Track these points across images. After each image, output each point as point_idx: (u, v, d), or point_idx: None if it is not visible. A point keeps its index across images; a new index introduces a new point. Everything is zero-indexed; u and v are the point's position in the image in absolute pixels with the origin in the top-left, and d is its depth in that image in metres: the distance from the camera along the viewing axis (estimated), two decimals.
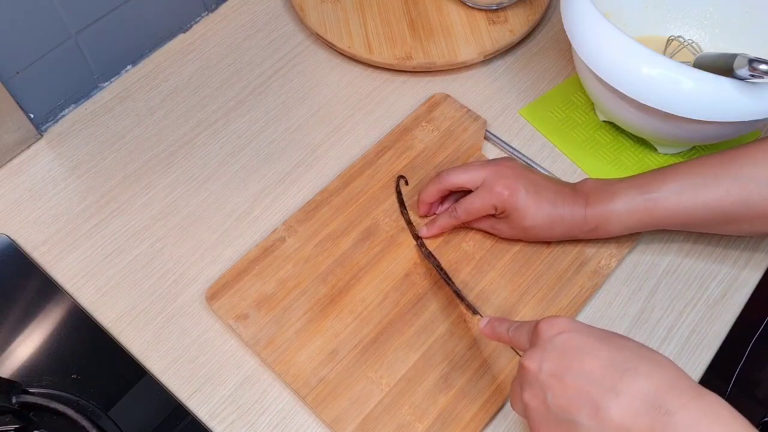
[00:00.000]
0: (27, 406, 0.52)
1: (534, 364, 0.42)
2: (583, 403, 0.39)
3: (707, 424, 0.36)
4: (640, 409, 0.37)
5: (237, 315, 0.56)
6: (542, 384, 0.41)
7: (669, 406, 0.37)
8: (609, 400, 0.38)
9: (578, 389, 0.40)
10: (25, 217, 0.63)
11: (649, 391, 0.38)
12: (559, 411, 0.40)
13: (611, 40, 0.57)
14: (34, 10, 0.60)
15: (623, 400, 0.38)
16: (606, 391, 0.39)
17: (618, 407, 0.38)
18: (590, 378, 0.40)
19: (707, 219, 0.54)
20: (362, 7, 0.75)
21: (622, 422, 0.37)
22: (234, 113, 0.70)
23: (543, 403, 0.41)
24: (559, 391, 0.40)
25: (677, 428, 0.36)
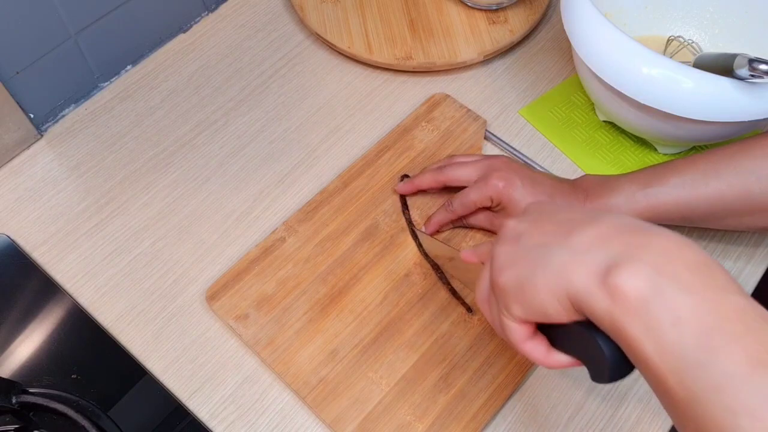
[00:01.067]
0: (27, 406, 0.52)
1: (514, 220, 0.41)
2: (558, 233, 0.38)
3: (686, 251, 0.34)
4: (618, 230, 0.36)
5: (237, 315, 0.56)
6: (518, 231, 0.40)
7: (649, 230, 0.35)
8: (585, 225, 0.37)
9: (555, 227, 0.38)
10: (25, 217, 0.63)
11: (630, 222, 0.36)
12: (530, 247, 0.39)
13: (611, 40, 0.57)
14: (34, 10, 0.60)
15: (601, 224, 0.37)
16: (584, 221, 0.37)
17: (594, 228, 0.36)
18: (571, 218, 0.38)
19: (708, 213, 0.54)
20: (362, 7, 0.75)
21: (598, 237, 0.36)
22: (234, 113, 0.70)
23: (514, 245, 0.40)
24: (535, 232, 0.39)
25: (657, 247, 0.34)
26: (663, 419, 0.53)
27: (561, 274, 0.36)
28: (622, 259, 0.34)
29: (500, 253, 0.40)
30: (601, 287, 0.34)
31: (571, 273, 0.35)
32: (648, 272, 0.33)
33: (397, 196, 0.63)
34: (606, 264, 0.34)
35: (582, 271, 0.35)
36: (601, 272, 0.34)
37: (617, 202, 0.55)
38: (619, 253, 0.34)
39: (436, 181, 0.60)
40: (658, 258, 0.33)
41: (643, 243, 0.34)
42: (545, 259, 0.37)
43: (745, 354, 0.30)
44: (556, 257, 0.36)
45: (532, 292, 0.37)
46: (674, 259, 0.33)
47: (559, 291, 0.36)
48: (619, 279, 0.33)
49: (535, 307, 0.38)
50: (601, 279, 0.34)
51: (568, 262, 0.36)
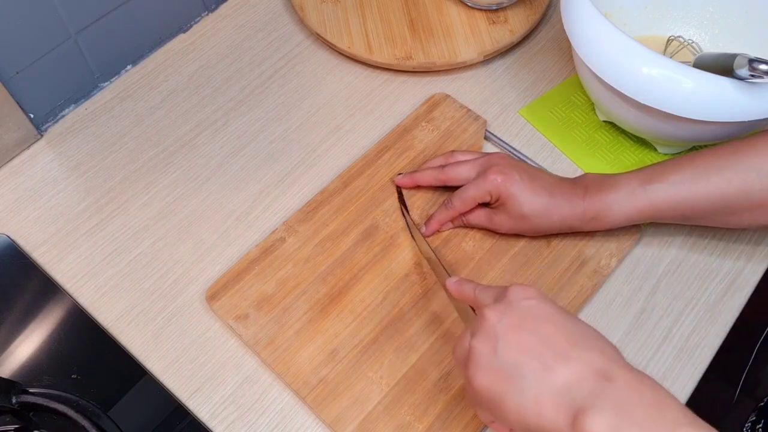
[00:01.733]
0: (27, 406, 0.52)
1: (495, 315, 0.43)
2: (533, 360, 0.40)
3: (644, 391, 0.38)
4: (586, 375, 0.39)
5: (237, 315, 0.56)
6: (497, 333, 0.42)
7: (612, 374, 0.39)
8: (559, 363, 0.40)
9: (532, 347, 0.41)
10: (25, 217, 0.63)
11: (597, 363, 0.40)
12: (506, 361, 0.41)
13: (611, 40, 0.57)
14: (34, 10, 0.60)
15: (573, 366, 0.40)
16: (558, 356, 0.40)
17: (566, 370, 0.39)
18: (546, 340, 0.41)
19: (708, 210, 0.54)
20: (362, 7, 0.75)
21: (567, 383, 0.39)
22: (234, 113, 0.70)
23: (492, 350, 0.42)
24: (513, 343, 0.41)
25: (617, 392, 0.38)
26: None
27: (532, 407, 0.40)
28: (588, 403, 0.38)
29: (479, 352, 0.43)
30: (571, 429, 0.38)
31: (543, 409, 0.39)
32: (610, 416, 0.37)
33: (396, 196, 0.63)
34: (575, 407, 0.38)
35: (553, 411, 0.39)
36: (570, 415, 0.38)
37: (617, 198, 0.55)
38: (587, 397, 0.38)
39: (436, 180, 0.61)
40: (619, 400, 0.37)
41: (606, 387, 0.38)
42: (520, 385, 0.40)
43: None
44: (531, 389, 0.40)
45: (505, 411, 0.41)
46: (633, 401, 0.37)
47: (530, 421, 0.40)
48: (585, 424, 0.37)
49: (506, 423, 0.41)
50: (571, 422, 0.38)
51: (541, 397, 0.39)
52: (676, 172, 0.54)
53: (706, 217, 0.55)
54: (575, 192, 0.56)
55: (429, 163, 0.63)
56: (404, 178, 0.62)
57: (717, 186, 0.53)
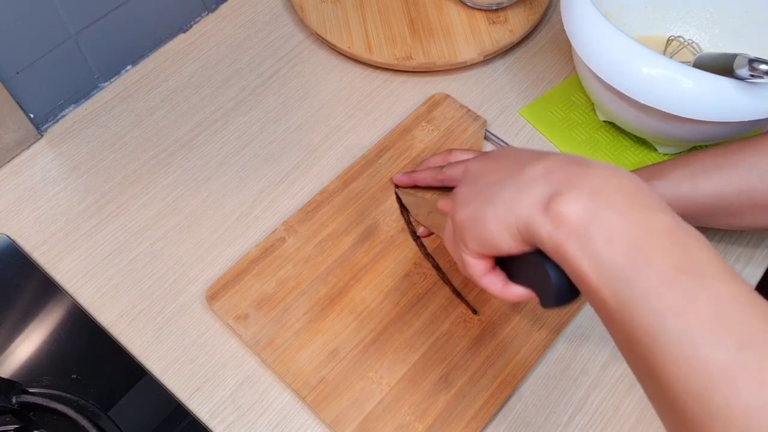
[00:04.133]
0: (27, 406, 0.52)
1: (475, 164, 0.45)
2: (510, 170, 0.41)
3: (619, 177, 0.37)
4: (560, 164, 0.39)
5: (237, 315, 0.56)
6: (479, 172, 0.44)
7: (587, 162, 0.39)
8: (534, 162, 0.40)
9: (508, 165, 0.42)
10: (25, 217, 0.63)
11: (571, 156, 0.40)
12: (485, 185, 0.42)
13: (611, 40, 0.57)
14: (34, 10, 0.60)
15: (547, 160, 0.40)
16: (532, 159, 0.41)
17: (540, 164, 0.40)
18: (522, 157, 0.42)
19: (708, 209, 0.54)
20: (362, 7, 0.75)
21: (541, 174, 0.39)
22: (234, 113, 0.70)
23: (473, 185, 0.43)
24: (492, 171, 0.43)
25: (593, 176, 0.37)
26: None
27: (509, 206, 0.39)
28: (562, 188, 0.37)
29: (460, 192, 0.44)
30: (545, 215, 0.37)
31: (518, 204, 0.39)
32: (585, 198, 0.36)
33: (395, 197, 0.63)
34: (549, 194, 0.37)
35: (527, 202, 0.38)
36: (544, 201, 0.37)
37: None
38: (560, 183, 0.38)
39: (434, 180, 0.60)
40: (594, 185, 0.37)
41: (582, 172, 0.38)
42: (496, 194, 0.40)
43: (669, 263, 0.33)
44: (505, 191, 0.40)
45: (483, 225, 0.40)
46: (609, 186, 0.37)
47: (508, 222, 0.39)
48: (559, 206, 0.36)
49: (488, 240, 0.41)
50: (544, 207, 0.37)
51: (516, 194, 0.39)
52: (676, 170, 0.54)
53: (705, 217, 0.55)
54: None
55: (427, 163, 0.62)
56: (402, 177, 0.62)
57: (717, 185, 0.53)
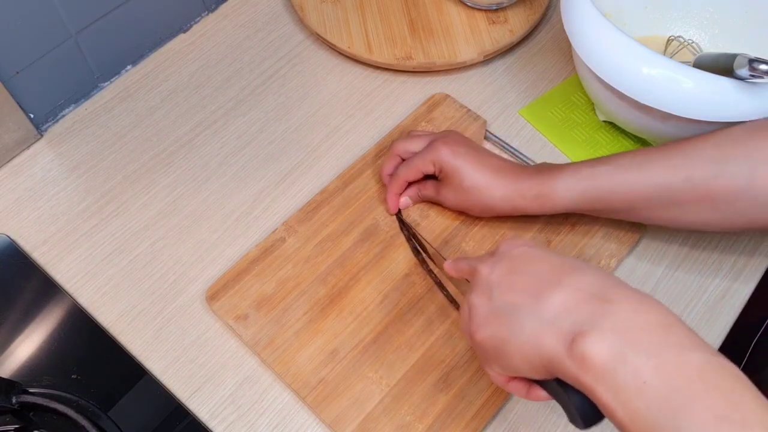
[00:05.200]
0: (27, 406, 0.52)
1: (487, 268, 0.43)
2: (527, 295, 0.40)
3: (645, 312, 0.36)
4: (582, 297, 0.38)
5: (237, 315, 0.56)
6: (491, 283, 0.42)
7: (610, 296, 0.37)
8: (552, 290, 0.39)
9: (524, 285, 0.40)
10: (25, 217, 0.63)
11: (593, 285, 0.38)
12: (502, 305, 0.41)
13: (611, 40, 0.57)
14: (34, 10, 0.60)
15: (566, 289, 0.38)
16: (551, 284, 0.39)
17: (561, 294, 0.38)
18: (538, 275, 0.40)
19: (653, 197, 0.52)
20: (362, 7, 0.75)
21: (563, 308, 0.38)
22: (234, 113, 0.70)
23: (488, 299, 0.42)
24: (506, 288, 0.41)
25: (617, 313, 0.36)
26: None
27: (532, 342, 0.38)
28: (586, 326, 0.36)
29: (476, 305, 0.43)
30: (569, 356, 0.36)
31: (542, 342, 0.38)
32: (611, 339, 0.35)
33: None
34: (572, 332, 0.36)
35: (551, 340, 0.37)
36: (567, 341, 0.36)
37: (563, 178, 0.54)
38: (584, 321, 0.36)
39: (392, 158, 0.61)
40: (619, 324, 0.36)
41: (605, 309, 0.36)
42: (517, 324, 0.39)
43: (708, 412, 0.32)
44: (527, 324, 0.39)
45: (508, 356, 0.40)
46: (635, 323, 0.36)
47: (532, 357, 0.38)
48: (584, 348, 0.35)
49: (512, 369, 0.41)
50: (569, 348, 0.36)
51: (538, 330, 0.38)
52: (625, 157, 0.53)
53: (652, 208, 0.53)
54: (523, 172, 0.56)
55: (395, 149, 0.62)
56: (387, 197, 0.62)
57: (663, 171, 0.51)
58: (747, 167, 0.49)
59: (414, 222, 0.61)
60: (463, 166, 0.56)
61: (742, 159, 0.50)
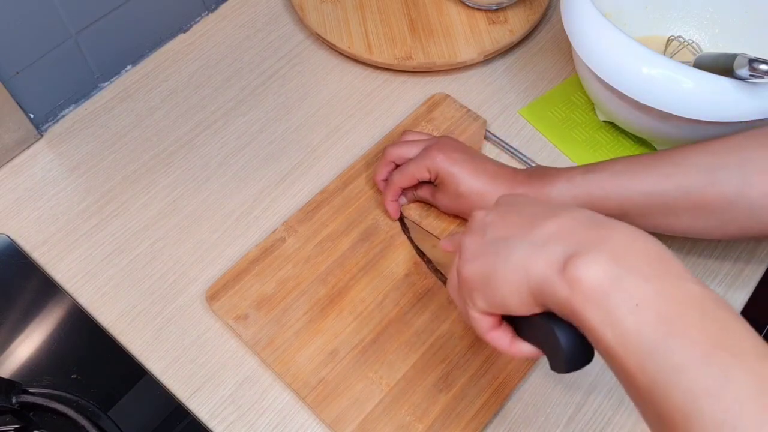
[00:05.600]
0: (27, 406, 0.52)
1: (482, 212, 0.43)
2: (520, 227, 0.39)
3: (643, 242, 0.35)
4: (577, 224, 0.37)
5: (237, 315, 0.56)
6: (485, 223, 0.42)
7: (607, 224, 0.36)
8: (547, 218, 0.38)
9: (519, 220, 0.40)
10: (25, 217, 0.63)
11: (590, 216, 0.38)
12: (494, 240, 0.40)
13: (611, 40, 0.57)
14: (34, 10, 0.60)
15: (562, 218, 0.38)
16: (546, 215, 0.39)
17: (555, 221, 0.38)
18: (535, 212, 0.40)
19: (647, 204, 0.52)
20: (362, 7, 0.75)
21: (558, 231, 0.37)
22: (234, 113, 0.70)
23: (481, 237, 0.41)
24: (500, 225, 0.41)
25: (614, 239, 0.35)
26: None
27: (521, 267, 0.37)
28: (580, 249, 0.35)
29: (467, 244, 0.42)
30: (561, 277, 0.35)
31: (531, 266, 0.36)
32: (606, 262, 0.34)
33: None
34: (565, 255, 0.35)
35: (541, 263, 0.36)
36: (560, 263, 0.35)
37: (557, 185, 0.54)
38: (578, 245, 0.35)
39: (386, 164, 0.61)
40: (616, 249, 0.34)
41: (601, 235, 0.35)
42: (507, 252, 0.38)
43: (703, 338, 0.31)
44: (518, 251, 0.38)
45: (494, 285, 0.38)
46: (632, 250, 0.35)
47: (520, 284, 0.37)
48: (577, 269, 0.34)
49: (497, 301, 0.39)
50: (560, 269, 0.35)
51: (529, 255, 0.37)
52: (619, 164, 0.53)
53: (646, 215, 0.53)
54: (517, 178, 0.56)
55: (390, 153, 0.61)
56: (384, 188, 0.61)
57: (655, 179, 0.51)
58: (740, 175, 0.49)
59: (414, 221, 0.61)
60: (458, 172, 0.56)
61: (735, 167, 0.49)
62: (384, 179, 0.61)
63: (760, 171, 0.49)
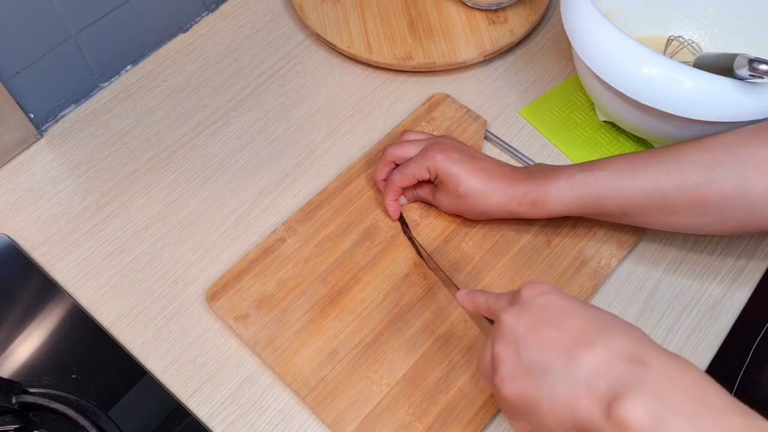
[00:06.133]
0: (27, 406, 0.52)
1: (512, 318, 0.42)
2: (558, 354, 0.39)
3: (682, 375, 0.36)
4: (615, 360, 0.37)
5: (237, 315, 0.56)
6: (517, 336, 0.41)
7: (644, 358, 0.37)
8: (584, 351, 0.38)
9: (554, 342, 0.39)
10: (25, 217, 0.63)
11: (626, 346, 0.38)
12: (531, 362, 0.40)
13: (611, 40, 0.57)
14: (34, 10, 0.60)
15: (599, 351, 0.38)
16: (582, 344, 0.38)
17: (593, 357, 0.38)
18: (568, 333, 0.39)
19: (646, 203, 0.52)
20: (362, 7, 0.75)
21: (596, 371, 0.37)
22: (234, 113, 0.70)
23: (515, 354, 0.40)
24: (534, 344, 0.40)
25: (654, 376, 0.36)
26: None
27: (567, 405, 0.37)
28: (623, 389, 0.35)
29: (501, 355, 0.41)
30: (607, 420, 0.35)
31: (576, 405, 0.37)
32: (649, 403, 0.34)
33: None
34: (608, 396, 0.36)
35: (586, 404, 0.36)
36: (604, 405, 0.36)
37: (557, 184, 0.54)
38: (621, 384, 0.36)
39: (386, 164, 0.61)
40: (657, 385, 0.35)
41: (642, 372, 0.36)
42: (549, 385, 0.38)
43: None
44: (559, 385, 0.38)
45: (539, 416, 0.39)
46: (673, 386, 0.35)
47: (566, 420, 0.38)
48: (623, 412, 0.34)
49: (543, 429, 0.40)
50: (606, 412, 0.35)
51: (571, 393, 0.37)
52: (618, 162, 0.53)
53: (645, 213, 0.53)
54: (517, 177, 0.56)
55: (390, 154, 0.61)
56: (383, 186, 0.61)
57: (654, 177, 0.51)
58: (739, 173, 0.49)
59: (414, 222, 0.61)
60: (459, 172, 0.56)
61: (734, 164, 0.49)
62: (384, 179, 0.61)
63: (758, 168, 0.49)
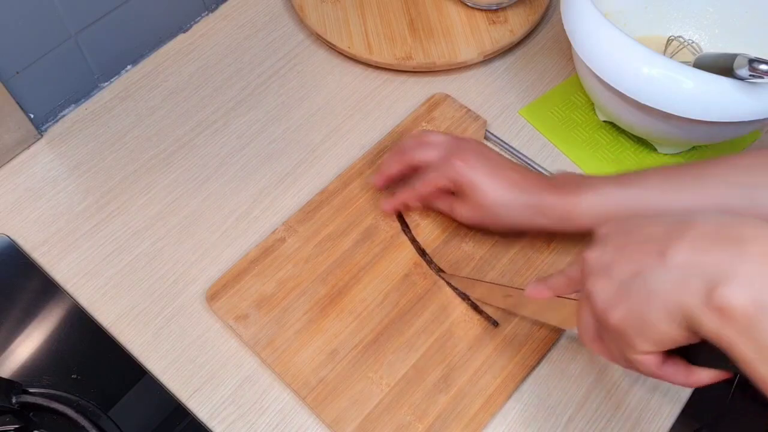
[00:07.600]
0: (27, 406, 0.52)
1: (596, 251, 0.41)
2: (649, 256, 0.37)
3: None
4: (710, 242, 0.35)
5: (237, 315, 0.56)
6: (606, 263, 0.40)
7: (740, 234, 0.34)
8: (674, 244, 0.36)
9: (642, 249, 0.38)
10: (25, 217, 0.63)
11: (716, 230, 0.35)
12: (626, 277, 0.38)
13: (611, 40, 0.57)
14: (34, 10, 0.60)
15: (688, 238, 0.36)
16: (670, 239, 0.36)
17: (683, 244, 0.36)
18: (652, 237, 0.38)
19: None
20: (362, 7, 0.75)
21: (691, 258, 0.35)
22: (234, 113, 0.70)
23: (608, 279, 0.39)
24: (623, 260, 0.39)
25: (753, 255, 0.33)
26: (663, 419, 0.53)
27: (672, 303, 0.36)
28: (721, 277, 0.34)
29: (598, 291, 0.40)
30: (709, 309, 0.34)
31: (679, 299, 0.35)
32: (748, 287, 0.33)
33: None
34: (707, 285, 0.34)
35: (687, 296, 0.35)
36: (703, 296, 0.34)
37: (589, 198, 0.52)
38: (717, 271, 0.34)
39: (401, 163, 0.58)
40: (755, 268, 0.33)
41: (739, 251, 0.34)
42: (647, 291, 0.37)
43: None
44: (659, 286, 0.36)
45: (653, 326, 0.37)
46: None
47: (677, 317, 0.36)
48: (724, 298, 0.33)
49: (663, 339, 0.38)
50: (706, 301, 0.34)
51: (671, 289, 0.36)
52: (656, 177, 0.52)
53: None
54: (544, 188, 0.54)
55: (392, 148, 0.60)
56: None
57: (696, 197, 0.50)
58: None
59: (414, 222, 0.61)
60: (482, 183, 0.54)
61: None
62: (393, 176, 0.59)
63: None
